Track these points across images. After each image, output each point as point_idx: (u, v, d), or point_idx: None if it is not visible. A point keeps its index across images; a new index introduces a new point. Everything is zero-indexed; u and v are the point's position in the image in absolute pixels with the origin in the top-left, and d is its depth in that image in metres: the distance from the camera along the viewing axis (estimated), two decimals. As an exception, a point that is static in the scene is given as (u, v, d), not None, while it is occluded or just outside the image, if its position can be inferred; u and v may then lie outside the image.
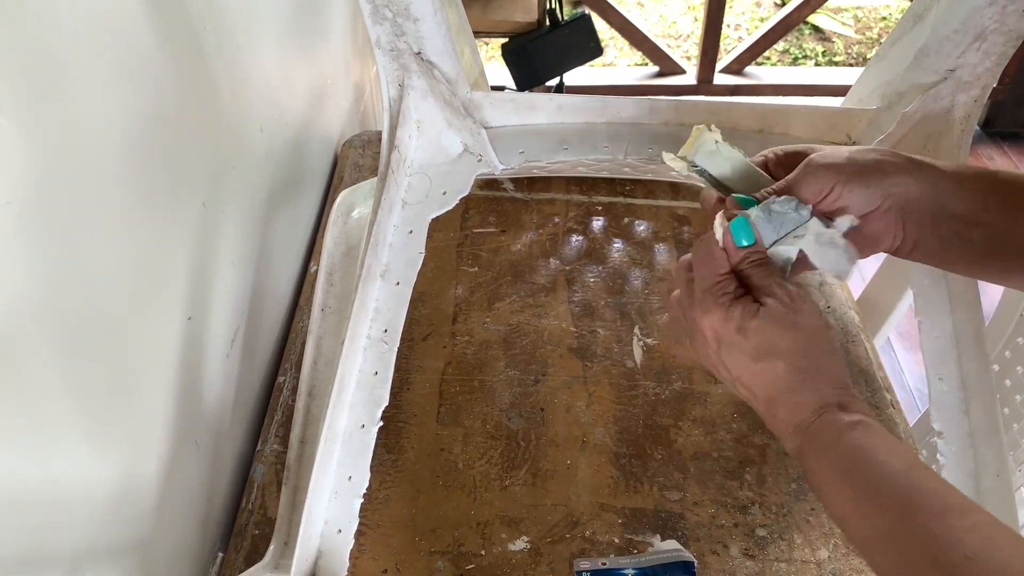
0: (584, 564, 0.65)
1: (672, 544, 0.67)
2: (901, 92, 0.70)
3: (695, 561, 0.64)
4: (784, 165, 0.55)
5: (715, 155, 0.53)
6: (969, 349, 0.66)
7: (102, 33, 0.50)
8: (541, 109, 0.74)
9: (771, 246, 0.51)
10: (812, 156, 0.52)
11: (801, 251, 0.51)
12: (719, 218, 0.53)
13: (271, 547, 0.62)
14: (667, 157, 0.55)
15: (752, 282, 0.50)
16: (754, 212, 0.51)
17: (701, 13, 2.44)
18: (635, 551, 0.69)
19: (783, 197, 0.51)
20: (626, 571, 0.64)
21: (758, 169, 0.55)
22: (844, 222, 0.51)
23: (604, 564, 0.64)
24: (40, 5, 0.44)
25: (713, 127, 0.54)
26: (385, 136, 0.69)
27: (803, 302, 0.49)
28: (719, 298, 0.50)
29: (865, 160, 0.50)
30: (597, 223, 0.99)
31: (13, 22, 0.42)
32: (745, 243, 0.51)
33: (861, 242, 0.52)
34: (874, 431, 0.44)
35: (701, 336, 0.51)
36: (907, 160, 0.51)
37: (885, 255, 0.55)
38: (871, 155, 0.51)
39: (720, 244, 0.52)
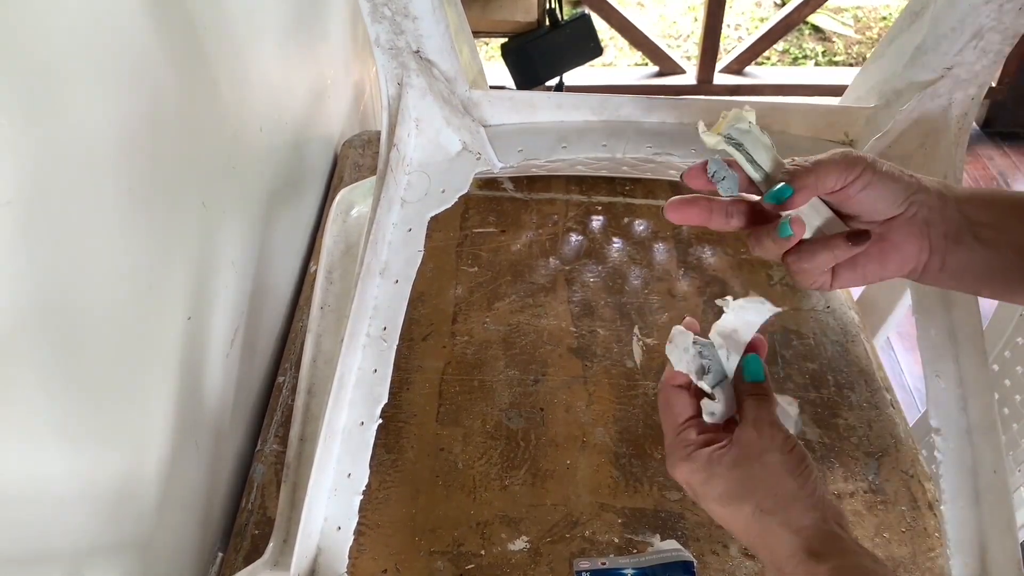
0: (584, 564, 0.65)
1: (672, 544, 0.67)
2: (899, 90, 0.70)
3: (695, 561, 0.64)
4: None
5: (748, 134, 0.52)
6: (967, 346, 0.66)
7: (102, 33, 0.51)
8: (540, 107, 0.74)
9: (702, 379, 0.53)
10: (839, 149, 0.51)
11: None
12: (677, 339, 0.53)
13: (270, 544, 0.62)
14: (701, 129, 0.53)
15: (743, 411, 0.51)
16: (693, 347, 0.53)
17: (701, 13, 2.44)
18: (635, 551, 0.69)
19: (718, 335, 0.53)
20: (626, 571, 0.64)
21: (781, 160, 0.53)
22: (793, 408, 0.52)
23: (604, 564, 0.64)
24: (40, 6, 0.44)
25: (748, 107, 0.53)
26: (384, 134, 0.69)
27: (769, 426, 0.49)
28: (683, 449, 0.50)
29: (891, 165, 0.50)
30: (597, 223, 0.99)
31: (13, 23, 0.42)
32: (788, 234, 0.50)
33: (887, 254, 0.50)
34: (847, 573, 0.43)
35: (679, 479, 0.52)
36: (923, 176, 0.50)
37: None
38: (897, 167, 0.50)
39: (675, 368, 0.53)
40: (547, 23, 1.67)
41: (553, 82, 1.78)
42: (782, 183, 0.49)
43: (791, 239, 0.49)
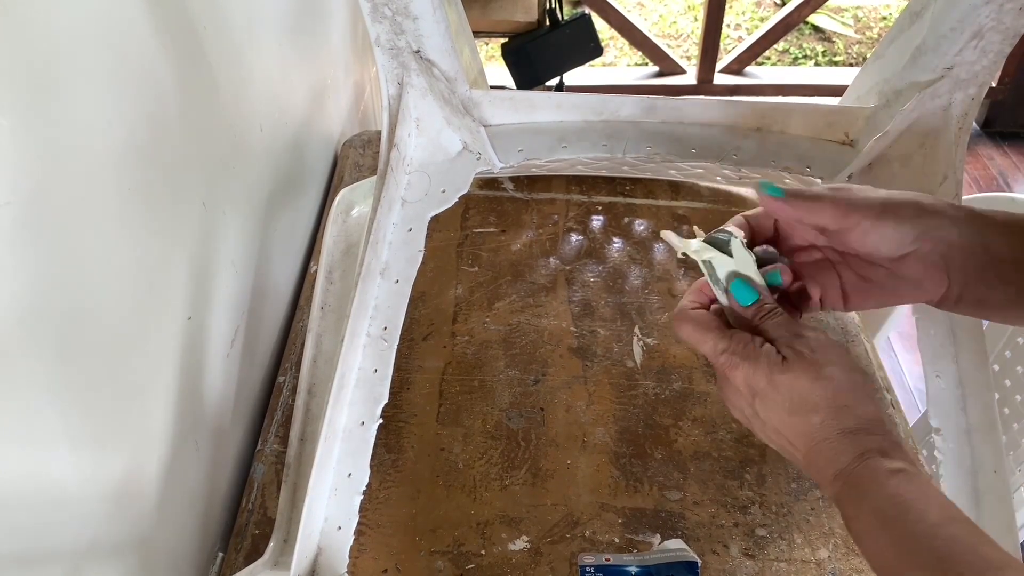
0: (588, 559, 0.65)
1: (677, 543, 0.67)
2: (899, 90, 0.70)
3: (699, 561, 0.64)
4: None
5: (716, 249, 0.52)
6: (967, 346, 0.66)
7: (102, 33, 0.51)
8: (540, 107, 0.74)
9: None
10: (844, 184, 0.50)
11: (793, 277, 0.51)
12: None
13: (271, 544, 0.62)
14: (676, 242, 0.55)
15: (771, 335, 0.49)
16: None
17: (701, 13, 2.44)
18: (635, 551, 0.69)
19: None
20: (630, 568, 0.64)
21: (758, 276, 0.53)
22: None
23: (608, 560, 0.65)
24: (40, 5, 0.44)
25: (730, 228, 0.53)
26: (384, 134, 0.69)
27: (827, 351, 0.47)
28: (744, 349, 0.48)
29: (901, 199, 0.48)
30: (597, 222, 0.99)
31: (13, 22, 0.42)
32: (750, 302, 0.50)
33: (901, 288, 0.50)
34: (915, 480, 0.43)
35: (733, 387, 0.49)
36: (948, 204, 0.48)
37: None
38: (908, 196, 0.49)
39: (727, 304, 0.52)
40: (547, 23, 1.67)
41: (553, 82, 1.78)
42: (744, 294, 0.50)
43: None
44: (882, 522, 0.42)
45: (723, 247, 0.51)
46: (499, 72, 1.91)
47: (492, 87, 0.81)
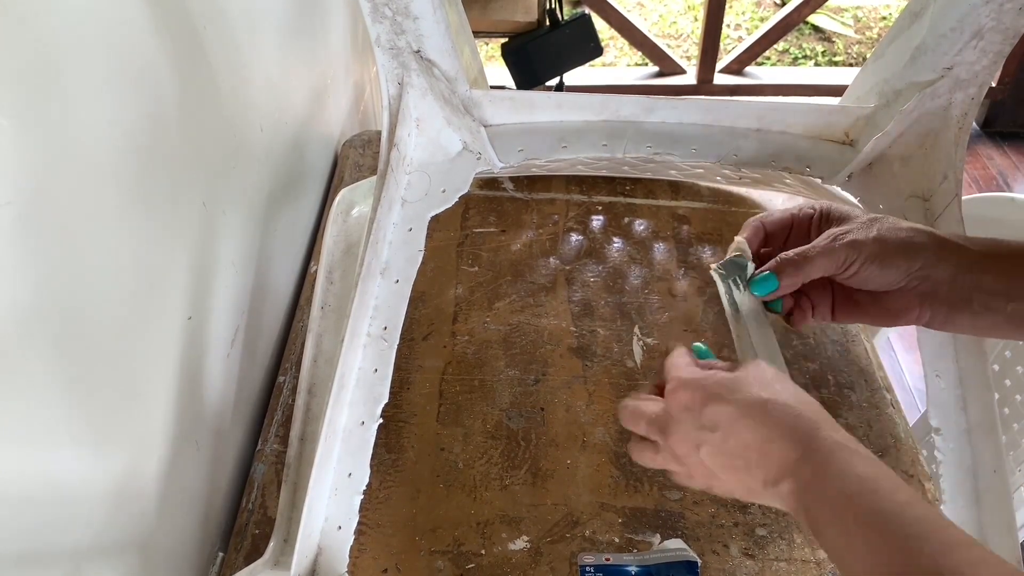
0: (588, 559, 0.65)
1: (678, 543, 0.67)
2: (898, 90, 0.70)
3: (699, 560, 0.64)
4: (815, 225, 0.58)
5: (735, 267, 0.60)
6: (967, 346, 0.66)
7: (102, 33, 0.51)
8: (540, 107, 0.74)
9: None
10: (837, 231, 0.53)
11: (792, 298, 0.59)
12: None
13: (271, 544, 0.62)
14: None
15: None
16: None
17: (701, 13, 2.44)
18: (635, 551, 0.69)
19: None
20: (630, 568, 0.64)
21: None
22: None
23: (608, 560, 0.65)
24: (40, 5, 0.44)
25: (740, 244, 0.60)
26: (384, 134, 0.69)
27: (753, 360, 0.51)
28: (682, 374, 0.52)
29: (893, 240, 0.51)
30: (597, 222, 0.99)
31: (13, 22, 0.42)
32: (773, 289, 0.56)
33: (883, 315, 0.53)
34: (876, 462, 0.44)
35: (677, 418, 0.50)
36: (938, 243, 0.50)
37: None
38: (900, 234, 0.51)
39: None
40: (547, 23, 1.67)
41: (553, 82, 1.78)
42: (768, 272, 0.55)
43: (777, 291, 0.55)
44: (848, 500, 0.42)
45: (740, 268, 0.59)
46: (499, 72, 1.91)
47: (492, 87, 0.81)
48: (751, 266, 0.57)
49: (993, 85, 2.38)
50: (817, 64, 3.05)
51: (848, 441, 0.45)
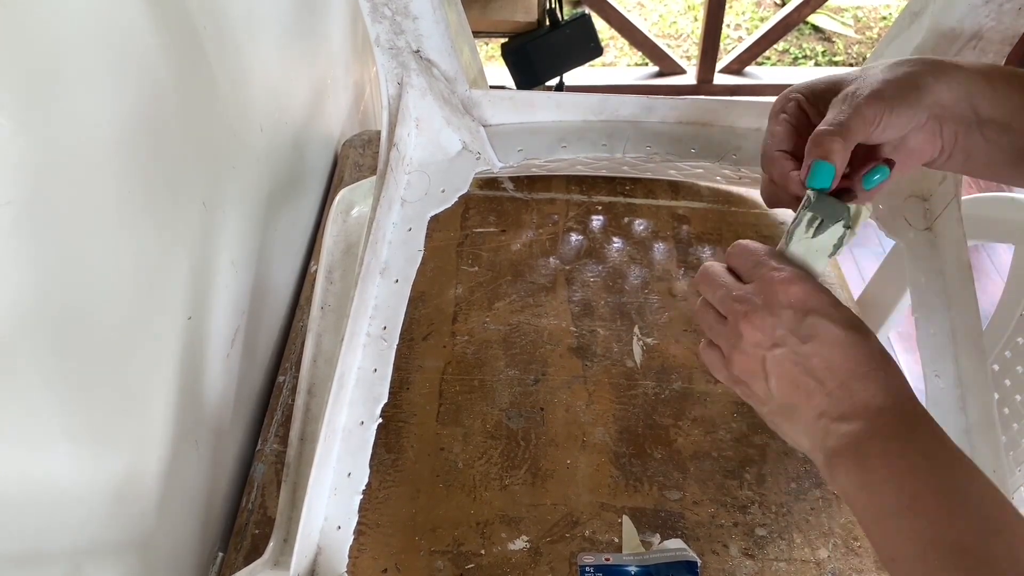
0: (587, 559, 0.65)
1: (677, 543, 0.67)
2: (899, 90, 0.70)
3: (699, 561, 0.64)
4: (815, 106, 0.53)
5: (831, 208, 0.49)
6: (966, 346, 0.66)
7: (103, 33, 0.51)
8: (540, 107, 0.74)
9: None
10: (848, 90, 0.50)
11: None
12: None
13: (271, 544, 0.62)
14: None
15: None
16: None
17: (701, 13, 2.44)
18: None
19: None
20: (630, 568, 0.64)
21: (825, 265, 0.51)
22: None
23: (608, 560, 0.65)
24: (40, 5, 0.44)
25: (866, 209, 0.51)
26: (384, 134, 0.69)
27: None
28: (797, 271, 0.47)
29: (900, 78, 0.49)
30: (597, 222, 1.00)
31: (13, 22, 0.42)
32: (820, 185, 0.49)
33: (904, 157, 0.51)
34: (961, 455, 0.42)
35: (773, 305, 0.46)
36: (936, 65, 0.49)
37: (884, 254, 0.54)
38: (903, 69, 0.49)
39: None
40: (547, 23, 1.67)
41: (553, 82, 1.78)
42: (816, 160, 0.48)
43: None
44: (934, 464, 0.40)
45: (833, 215, 0.49)
46: (499, 72, 1.91)
47: (492, 87, 0.81)
48: (846, 214, 0.48)
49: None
50: (817, 64, 3.05)
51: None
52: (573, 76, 1.86)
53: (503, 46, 1.69)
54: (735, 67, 2.55)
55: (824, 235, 0.49)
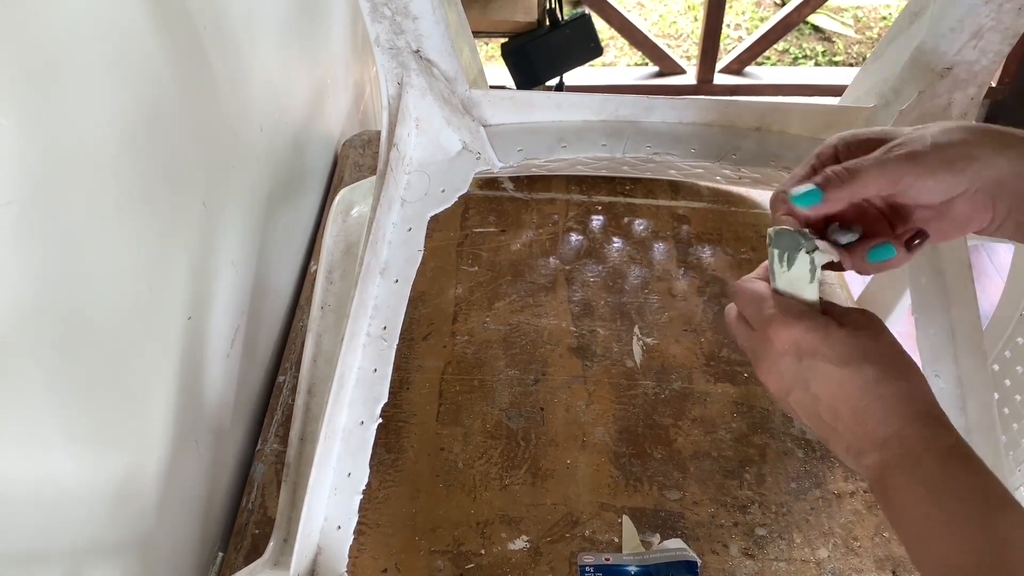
0: (587, 559, 0.65)
1: (677, 543, 0.67)
2: (898, 90, 0.70)
3: (699, 561, 0.64)
4: (852, 155, 0.50)
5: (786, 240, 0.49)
6: (966, 346, 0.66)
7: (103, 33, 0.51)
8: (539, 107, 0.74)
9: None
10: (891, 144, 0.47)
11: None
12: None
13: (271, 543, 0.62)
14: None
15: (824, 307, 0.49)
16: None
17: (701, 13, 2.44)
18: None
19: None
20: (629, 568, 0.64)
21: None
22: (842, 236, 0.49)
23: (608, 560, 0.65)
24: (40, 5, 0.44)
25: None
26: (384, 134, 0.69)
27: (882, 324, 0.47)
28: (795, 307, 0.47)
29: (950, 144, 0.46)
30: (597, 222, 1.00)
31: (13, 22, 0.42)
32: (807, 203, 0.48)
33: (947, 226, 0.48)
34: (977, 462, 0.42)
35: (774, 355, 0.47)
36: (996, 137, 0.47)
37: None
38: (956, 135, 0.46)
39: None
40: (547, 23, 1.67)
41: (553, 82, 1.78)
42: (812, 187, 0.47)
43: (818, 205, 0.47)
44: (952, 489, 0.40)
45: (794, 246, 0.49)
46: (499, 72, 1.91)
47: (492, 87, 0.81)
48: (806, 242, 0.49)
49: (993, 85, 2.37)
50: (817, 64, 3.05)
51: (947, 429, 0.43)
52: (573, 76, 1.86)
53: (503, 46, 1.69)
54: (735, 67, 2.55)
55: (796, 266, 0.48)
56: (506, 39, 1.69)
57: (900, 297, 1.24)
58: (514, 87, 1.73)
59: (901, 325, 1.80)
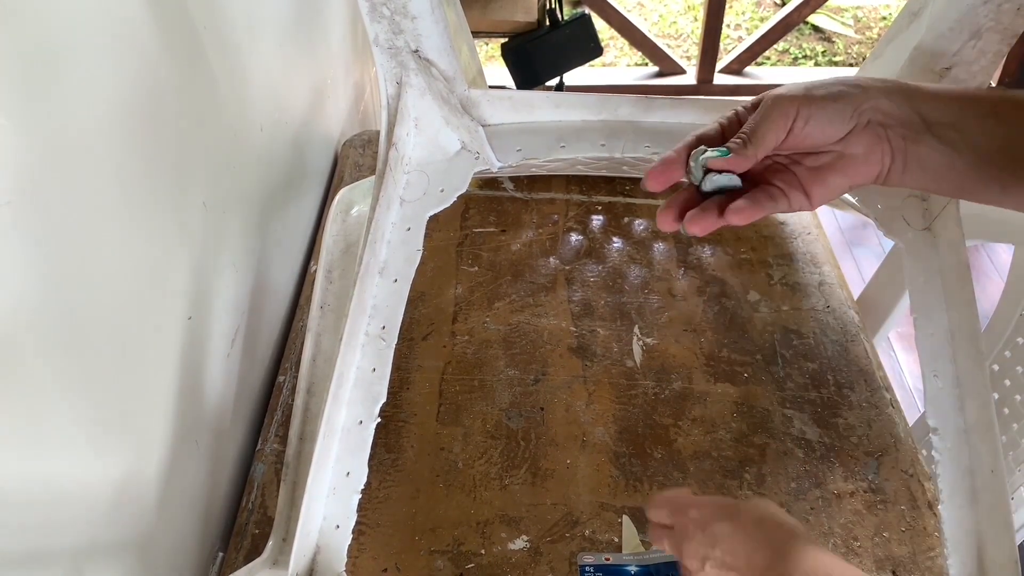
0: (588, 558, 0.65)
1: None
2: (898, 90, 0.70)
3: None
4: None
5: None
6: (964, 346, 0.66)
7: (103, 33, 0.51)
8: (538, 107, 0.74)
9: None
10: (768, 92, 0.51)
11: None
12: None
13: (269, 543, 0.62)
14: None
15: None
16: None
17: (701, 13, 2.44)
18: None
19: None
20: (629, 567, 0.64)
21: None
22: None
23: (608, 559, 0.65)
24: (41, 5, 0.44)
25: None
26: (383, 134, 0.69)
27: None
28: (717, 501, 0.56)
29: (827, 86, 0.49)
30: (597, 222, 1.00)
31: (14, 22, 0.42)
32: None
33: (849, 167, 0.50)
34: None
35: (693, 533, 0.54)
36: (873, 79, 0.50)
37: (883, 255, 0.53)
38: (834, 83, 0.50)
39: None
40: (547, 23, 1.67)
41: (553, 82, 1.78)
42: (721, 147, 0.50)
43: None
44: None
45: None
46: (499, 72, 1.91)
47: (492, 87, 0.81)
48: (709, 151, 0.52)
49: (993, 85, 2.38)
50: (817, 64, 3.05)
51: (822, 552, 0.50)
52: (573, 76, 1.86)
53: (503, 46, 1.69)
54: (735, 67, 2.55)
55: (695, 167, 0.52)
56: (506, 39, 1.69)
57: (900, 297, 1.24)
58: (514, 87, 1.73)
59: (900, 325, 1.80)
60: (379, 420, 0.63)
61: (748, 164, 0.51)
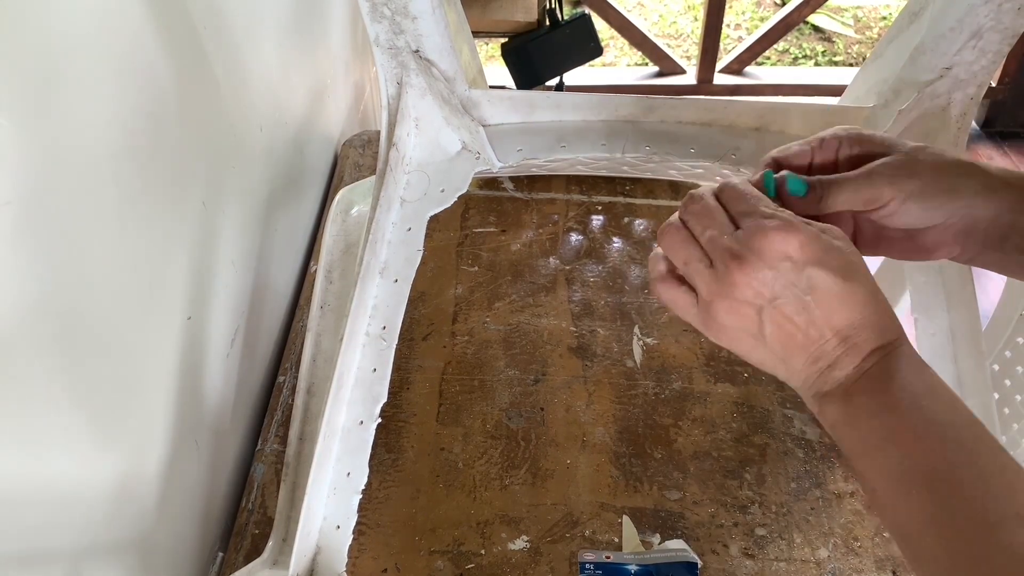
0: (588, 556, 0.65)
1: (679, 544, 0.67)
2: (897, 90, 0.70)
3: (699, 562, 0.64)
4: (851, 158, 0.50)
5: None
6: (965, 347, 0.66)
7: (103, 33, 0.51)
8: (539, 107, 0.74)
9: None
10: (875, 165, 0.47)
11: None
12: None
13: (269, 543, 0.62)
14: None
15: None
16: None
17: (701, 13, 2.44)
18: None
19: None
20: (630, 567, 0.64)
21: None
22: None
23: (608, 558, 0.65)
24: (41, 5, 0.44)
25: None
26: (383, 134, 0.69)
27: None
28: (792, 220, 0.43)
29: (938, 179, 0.46)
30: (597, 222, 1.00)
31: (13, 23, 0.42)
32: (803, 192, 0.47)
33: (912, 251, 0.49)
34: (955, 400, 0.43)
35: (768, 258, 0.43)
36: (984, 180, 0.47)
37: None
38: (946, 172, 0.46)
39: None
40: (547, 23, 1.67)
41: (553, 82, 1.78)
42: (805, 184, 0.47)
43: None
44: (912, 399, 0.41)
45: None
46: (499, 72, 1.91)
47: (492, 87, 0.81)
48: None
49: (993, 85, 2.37)
50: (817, 64, 3.05)
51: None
52: (573, 76, 1.86)
53: (503, 46, 1.69)
54: (735, 67, 2.55)
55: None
56: (506, 39, 1.69)
57: (901, 297, 1.24)
58: (514, 87, 1.73)
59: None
60: (379, 420, 0.63)
61: (815, 213, 0.47)
